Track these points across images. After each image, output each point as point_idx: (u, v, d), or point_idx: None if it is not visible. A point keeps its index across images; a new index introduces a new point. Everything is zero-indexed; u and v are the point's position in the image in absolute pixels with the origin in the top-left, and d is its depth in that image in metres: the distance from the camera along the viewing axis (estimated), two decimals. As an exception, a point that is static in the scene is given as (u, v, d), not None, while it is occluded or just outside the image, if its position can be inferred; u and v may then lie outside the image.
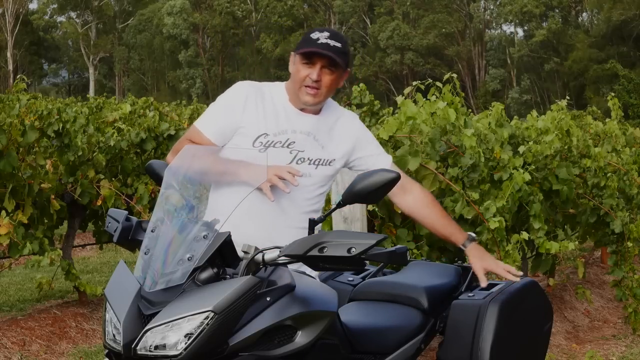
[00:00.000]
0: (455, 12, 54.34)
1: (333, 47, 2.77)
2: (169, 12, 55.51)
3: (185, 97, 42.10)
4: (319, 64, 2.79)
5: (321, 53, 2.77)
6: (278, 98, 2.90)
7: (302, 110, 2.89)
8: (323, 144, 2.89)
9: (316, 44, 2.77)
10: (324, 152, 2.89)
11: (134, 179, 6.79)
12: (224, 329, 2.16)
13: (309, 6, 58.59)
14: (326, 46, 2.77)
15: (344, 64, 2.83)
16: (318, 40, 2.78)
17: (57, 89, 61.85)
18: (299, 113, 2.88)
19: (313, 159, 2.85)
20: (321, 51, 2.76)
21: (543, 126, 5.88)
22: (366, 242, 2.17)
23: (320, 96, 2.84)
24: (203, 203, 2.58)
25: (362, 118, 11.17)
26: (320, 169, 2.87)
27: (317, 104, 2.87)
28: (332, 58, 2.77)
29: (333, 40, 2.78)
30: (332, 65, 2.80)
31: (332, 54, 2.77)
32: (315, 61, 2.80)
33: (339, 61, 2.79)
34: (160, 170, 2.59)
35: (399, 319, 2.91)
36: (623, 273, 6.11)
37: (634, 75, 37.95)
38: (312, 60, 2.80)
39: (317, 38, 2.79)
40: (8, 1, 51.50)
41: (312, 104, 2.85)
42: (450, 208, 4.50)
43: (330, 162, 2.90)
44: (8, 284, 8.06)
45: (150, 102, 8.84)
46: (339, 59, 2.79)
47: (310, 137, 2.86)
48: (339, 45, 2.79)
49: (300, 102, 2.86)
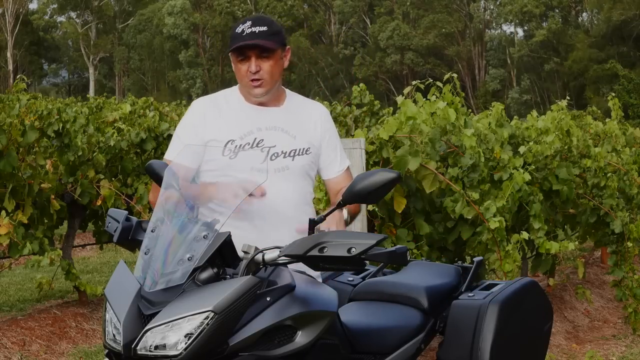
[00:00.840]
0: (455, 12, 54.30)
1: (259, 33, 2.74)
2: (170, 12, 55.49)
3: (185, 97, 42.12)
4: (252, 55, 2.76)
5: (249, 44, 2.74)
6: (234, 101, 2.88)
7: (261, 104, 2.86)
8: (294, 134, 2.86)
9: (242, 37, 2.74)
10: (297, 142, 2.85)
11: (134, 179, 6.79)
12: (224, 329, 2.15)
13: (309, 6, 58.57)
14: (252, 35, 2.73)
15: (276, 45, 2.79)
16: (243, 33, 2.75)
17: (57, 89, 61.83)
18: (259, 109, 2.85)
19: (287, 151, 2.82)
20: (248, 42, 2.73)
21: (543, 126, 5.88)
22: (366, 242, 2.17)
23: (267, 84, 2.81)
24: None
25: (362, 118, 11.19)
26: (298, 160, 2.84)
27: (268, 93, 2.83)
28: (261, 45, 2.75)
29: (257, 27, 2.75)
30: (264, 51, 2.77)
31: (259, 41, 2.73)
32: (248, 54, 2.77)
33: (269, 45, 2.76)
34: (160, 170, 2.58)
35: (399, 319, 2.90)
36: (623, 273, 6.12)
37: (634, 75, 37.94)
38: (245, 54, 2.77)
39: (241, 31, 2.76)
40: (8, 1, 51.48)
41: (263, 94, 2.82)
42: (450, 208, 4.50)
43: (307, 151, 2.87)
44: (8, 284, 8.06)
45: (150, 102, 8.85)
46: (269, 43, 2.76)
47: (277, 130, 2.83)
48: (265, 28, 2.76)
49: (252, 97, 2.84)
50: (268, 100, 2.86)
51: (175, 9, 55.58)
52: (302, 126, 2.89)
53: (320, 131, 2.93)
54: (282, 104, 2.91)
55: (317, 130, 2.92)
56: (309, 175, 2.91)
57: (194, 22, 55.89)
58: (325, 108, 3.03)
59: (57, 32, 62.72)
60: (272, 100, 2.88)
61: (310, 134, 2.90)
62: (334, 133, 3.00)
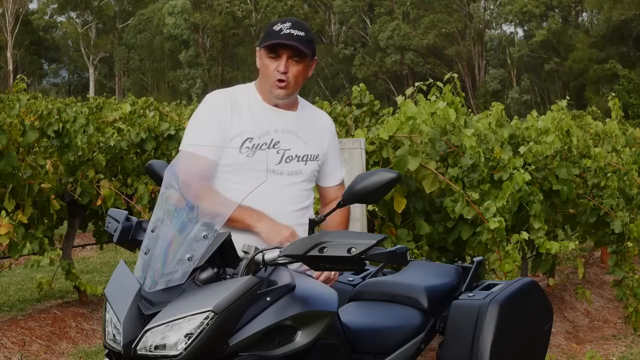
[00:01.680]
0: (455, 12, 54.29)
1: (296, 36, 2.74)
2: (170, 12, 55.49)
3: (185, 97, 42.09)
4: (285, 55, 2.76)
5: (285, 44, 2.74)
6: (252, 99, 2.87)
7: (277, 106, 2.87)
8: (306, 140, 2.88)
9: (279, 35, 2.74)
10: (309, 148, 2.88)
11: (134, 179, 6.79)
12: (224, 329, 2.15)
13: (309, 6, 58.58)
14: (289, 36, 2.73)
15: (309, 53, 2.79)
16: (281, 32, 2.74)
17: (57, 89, 61.83)
18: (276, 111, 2.86)
19: (301, 155, 2.84)
20: (285, 42, 2.73)
21: (543, 126, 5.88)
22: (366, 242, 2.17)
23: (290, 88, 2.81)
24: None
25: (362, 118, 11.19)
26: (310, 165, 2.87)
27: (288, 96, 2.84)
28: (297, 47, 2.75)
29: (296, 30, 2.75)
30: (297, 55, 2.77)
31: (296, 44, 2.73)
32: (281, 53, 2.76)
33: (304, 50, 2.76)
34: (160, 170, 2.58)
35: (399, 319, 2.91)
36: (623, 273, 6.11)
37: (634, 75, 37.92)
38: (277, 52, 2.77)
39: (279, 29, 2.75)
40: (8, 1, 51.48)
41: (283, 97, 2.83)
42: (450, 208, 4.50)
43: (316, 157, 2.90)
44: (8, 284, 8.06)
45: (150, 102, 8.84)
46: (304, 48, 2.76)
47: (292, 134, 2.85)
48: (302, 34, 2.76)
49: (272, 97, 2.84)
50: (285, 103, 2.88)
51: (175, 9, 55.59)
52: (313, 133, 2.91)
53: (328, 141, 2.97)
54: (296, 109, 2.93)
55: (326, 140, 2.96)
56: (314, 181, 2.95)
57: (194, 22, 55.90)
58: (331, 120, 3.08)
59: (57, 32, 62.72)
60: (287, 105, 2.89)
61: (320, 142, 2.93)
62: (337, 144, 3.06)
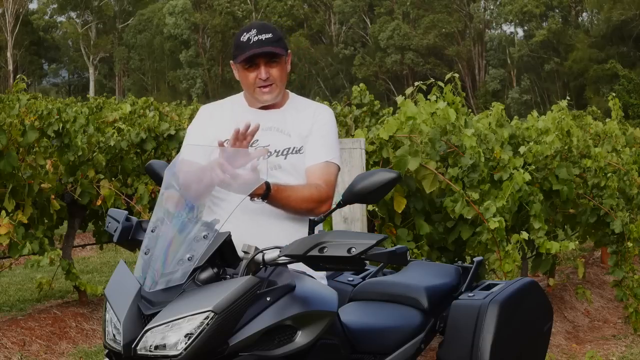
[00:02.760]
0: (455, 12, 54.28)
1: (266, 40, 2.78)
2: (170, 12, 55.49)
3: (185, 97, 42.07)
4: (261, 62, 2.80)
5: (259, 53, 2.78)
6: (238, 106, 2.93)
7: (262, 107, 2.89)
8: (289, 132, 2.86)
9: (250, 45, 2.78)
10: (292, 140, 2.85)
11: (134, 179, 6.78)
12: (224, 329, 2.15)
13: (309, 6, 58.56)
14: (259, 43, 2.77)
15: (283, 52, 2.83)
16: (250, 41, 2.78)
17: (57, 89, 61.80)
18: (259, 112, 2.87)
19: (280, 149, 2.82)
20: (258, 51, 2.77)
21: (543, 126, 5.88)
22: (366, 242, 2.17)
23: (275, 89, 2.85)
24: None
25: (362, 118, 11.19)
26: (290, 158, 2.82)
27: (277, 96, 2.87)
28: (271, 52, 2.79)
29: (263, 34, 2.79)
30: (273, 58, 2.81)
31: (268, 49, 2.78)
32: (257, 62, 2.80)
33: (278, 52, 2.80)
34: (160, 170, 2.58)
35: (399, 319, 2.90)
36: (623, 273, 6.11)
37: (634, 75, 37.91)
38: (253, 62, 2.81)
39: (248, 39, 2.79)
40: (8, 1, 51.47)
41: (272, 99, 2.86)
42: (450, 208, 4.50)
43: (300, 150, 2.85)
44: (8, 284, 8.06)
45: (150, 102, 8.84)
46: (278, 49, 2.80)
47: (273, 130, 2.84)
48: (270, 35, 2.80)
49: (259, 102, 2.87)
50: (272, 103, 2.89)
51: (175, 9, 55.57)
52: (298, 123, 2.88)
53: (311, 125, 2.88)
54: (282, 106, 2.93)
55: (313, 125, 2.88)
56: (301, 173, 2.85)
57: (195, 22, 55.89)
58: (330, 110, 3.00)
59: (57, 32, 62.71)
60: (275, 104, 2.90)
61: (304, 129, 2.87)
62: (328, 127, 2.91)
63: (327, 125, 2.91)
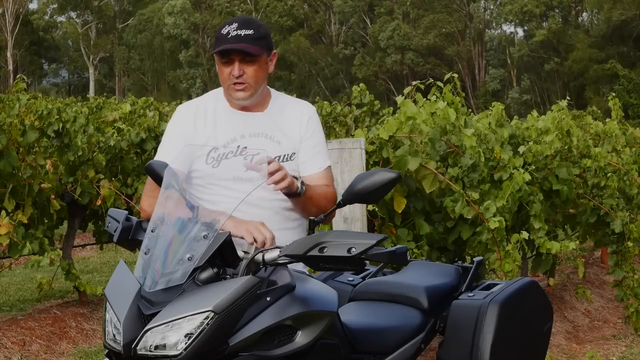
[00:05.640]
0: (455, 12, 54.28)
1: (244, 36, 2.66)
2: (170, 12, 55.49)
3: (185, 97, 42.10)
4: (236, 58, 2.69)
5: (234, 48, 2.66)
6: (218, 106, 2.82)
7: (245, 109, 2.80)
8: (278, 139, 2.79)
9: (226, 39, 2.67)
10: (282, 148, 2.79)
11: (134, 179, 6.79)
12: (224, 329, 2.15)
13: (309, 6, 58.57)
14: (237, 38, 2.66)
15: (261, 51, 2.70)
16: (228, 35, 2.67)
17: (57, 89, 61.79)
18: (242, 115, 2.79)
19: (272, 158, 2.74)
20: (232, 46, 2.65)
21: (543, 126, 5.88)
22: (366, 242, 2.17)
23: (250, 89, 2.73)
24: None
25: (362, 118, 11.19)
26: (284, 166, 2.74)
27: (251, 97, 2.75)
28: (245, 50, 2.66)
29: (244, 30, 2.67)
30: (248, 55, 2.69)
31: (243, 46, 2.65)
32: (232, 57, 2.69)
33: (252, 51, 2.67)
34: (160, 170, 2.58)
35: (399, 319, 2.90)
36: (624, 273, 6.11)
37: (634, 75, 37.92)
38: (228, 56, 2.69)
39: (227, 32, 2.67)
40: (8, 1, 51.46)
41: (245, 99, 2.75)
42: (450, 208, 4.50)
43: (291, 157, 2.81)
44: (8, 284, 8.06)
45: (150, 102, 8.85)
46: (254, 48, 2.67)
47: (261, 137, 2.77)
48: (251, 32, 2.67)
49: (234, 101, 2.78)
50: (251, 104, 2.80)
51: (175, 8, 55.58)
52: (285, 129, 2.81)
53: (304, 129, 2.84)
54: (266, 108, 2.84)
55: (301, 129, 2.83)
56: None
57: (194, 22, 55.89)
58: (312, 106, 2.94)
59: (57, 32, 62.71)
60: (256, 105, 2.81)
61: (294, 135, 2.82)
62: (317, 131, 2.88)
63: (316, 130, 2.89)
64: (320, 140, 2.89)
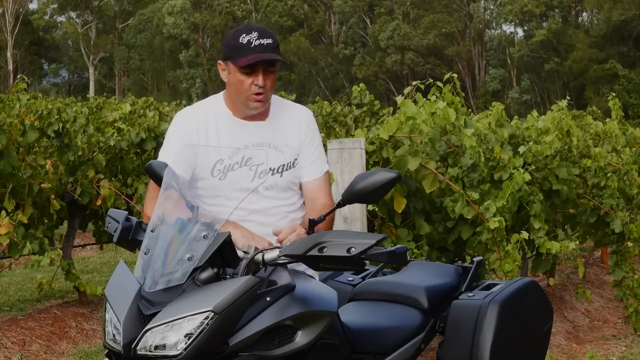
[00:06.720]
0: (455, 12, 54.26)
1: (267, 45, 2.62)
2: (170, 12, 55.48)
3: (185, 97, 42.07)
4: (260, 69, 2.65)
5: (266, 59, 2.62)
6: (221, 115, 2.78)
7: (247, 118, 2.77)
8: (281, 148, 2.79)
9: (252, 49, 2.61)
10: (285, 156, 2.79)
11: (134, 179, 6.78)
12: (224, 329, 2.15)
13: (309, 6, 58.56)
14: (262, 48, 2.61)
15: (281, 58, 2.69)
16: (251, 44, 2.61)
17: (57, 89, 61.77)
18: (246, 125, 2.77)
19: (275, 167, 2.76)
20: (263, 57, 2.61)
21: (543, 126, 5.88)
22: (366, 242, 2.17)
23: (267, 99, 2.72)
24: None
25: (362, 118, 11.19)
26: (286, 174, 2.79)
27: (264, 107, 2.75)
28: (274, 59, 2.64)
29: (265, 39, 2.63)
30: (272, 65, 2.68)
31: (272, 56, 2.63)
32: (257, 67, 2.64)
33: (279, 58, 2.66)
34: (160, 170, 2.58)
35: (399, 319, 2.91)
36: (624, 273, 6.11)
37: (634, 75, 37.91)
38: (253, 67, 2.64)
39: (248, 42, 2.61)
40: (8, 1, 51.46)
41: (260, 108, 2.74)
42: (450, 208, 4.50)
43: (294, 164, 2.81)
44: (8, 284, 8.06)
45: (150, 102, 8.85)
46: (278, 56, 2.65)
47: (265, 146, 2.76)
48: (271, 41, 2.64)
49: (247, 110, 2.74)
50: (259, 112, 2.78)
51: (175, 8, 55.57)
52: (285, 136, 2.81)
53: (303, 136, 2.84)
54: (267, 116, 2.82)
55: (301, 135, 2.83)
56: (295, 185, 2.84)
57: (194, 22, 55.88)
58: (309, 111, 2.92)
59: (57, 32, 62.70)
60: (260, 114, 2.80)
61: (294, 142, 2.82)
62: (315, 136, 2.89)
63: (315, 135, 2.89)
64: (319, 145, 2.91)
